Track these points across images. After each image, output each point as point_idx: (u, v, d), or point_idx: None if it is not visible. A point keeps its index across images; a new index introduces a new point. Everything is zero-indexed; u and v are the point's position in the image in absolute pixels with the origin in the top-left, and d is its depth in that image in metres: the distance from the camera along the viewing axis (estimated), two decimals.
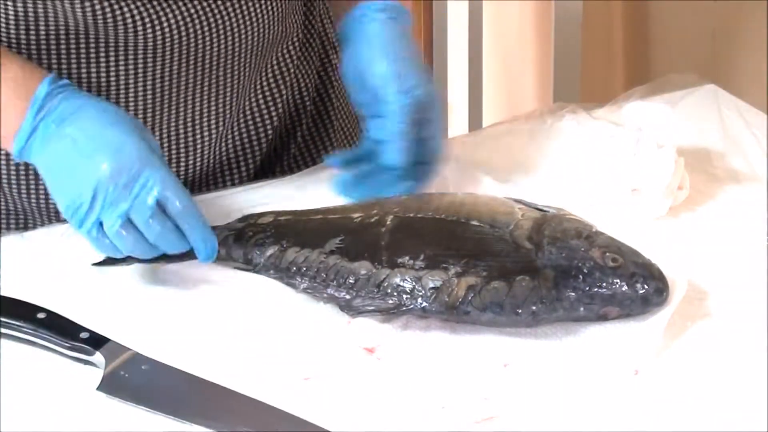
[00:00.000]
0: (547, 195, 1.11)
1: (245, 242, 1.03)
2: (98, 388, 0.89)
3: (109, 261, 1.03)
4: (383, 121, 1.08)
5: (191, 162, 1.19)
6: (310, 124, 1.31)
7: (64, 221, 1.12)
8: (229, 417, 0.86)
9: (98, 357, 0.91)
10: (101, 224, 0.97)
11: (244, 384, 0.88)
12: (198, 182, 1.21)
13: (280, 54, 1.23)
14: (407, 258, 0.96)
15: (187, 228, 0.98)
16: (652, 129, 1.12)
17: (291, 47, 1.24)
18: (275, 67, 1.23)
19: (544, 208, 1.01)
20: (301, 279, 0.99)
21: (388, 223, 1.00)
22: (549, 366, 0.90)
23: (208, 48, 1.11)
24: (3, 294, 0.98)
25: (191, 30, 1.09)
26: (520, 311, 0.92)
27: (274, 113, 1.25)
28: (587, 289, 0.93)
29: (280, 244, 1.01)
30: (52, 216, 1.16)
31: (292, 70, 1.25)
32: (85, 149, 0.96)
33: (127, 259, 1.02)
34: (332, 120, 1.33)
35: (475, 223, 0.98)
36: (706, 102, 1.32)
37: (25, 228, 1.16)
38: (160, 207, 0.97)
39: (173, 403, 0.87)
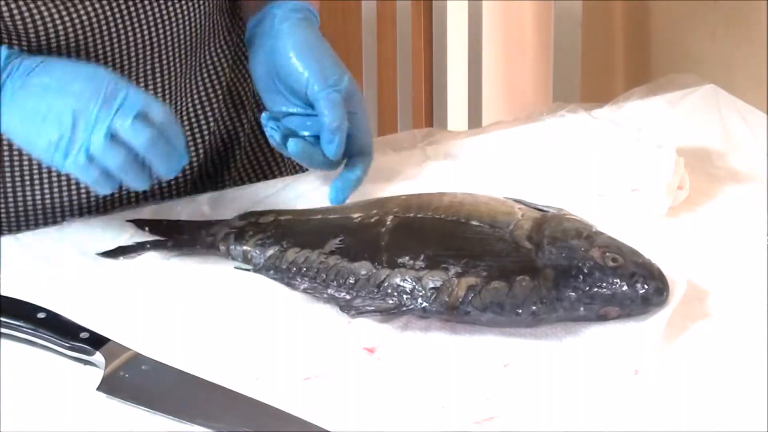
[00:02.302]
0: (547, 195, 1.11)
1: (245, 241, 1.03)
2: (98, 388, 0.89)
3: (116, 251, 1.04)
4: (314, 118, 1.08)
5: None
6: (249, 132, 1.29)
7: (66, 222, 1.13)
8: (229, 417, 0.86)
9: (98, 357, 0.91)
10: (87, 152, 0.96)
11: (244, 384, 0.88)
12: (134, 192, 1.18)
13: (209, 55, 1.21)
14: (407, 258, 0.96)
15: (172, 136, 0.98)
16: (652, 129, 1.12)
17: (220, 48, 1.22)
18: (208, 68, 1.21)
19: (544, 208, 1.01)
20: (301, 279, 0.99)
21: (388, 223, 1.00)
22: (549, 366, 0.90)
23: (128, 44, 1.09)
24: (3, 294, 0.98)
25: (104, 25, 1.07)
26: (520, 311, 0.92)
27: (210, 117, 1.22)
28: (587, 289, 0.93)
29: (281, 245, 1.01)
30: (57, 216, 1.16)
31: (226, 72, 1.23)
32: (56, 87, 0.97)
33: (135, 248, 1.05)
34: None
35: (475, 223, 0.98)
36: (706, 102, 1.32)
37: (27, 228, 1.16)
38: (143, 117, 0.97)
39: (173, 403, 0.87)
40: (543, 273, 0.93)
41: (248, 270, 1.02)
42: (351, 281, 0.96)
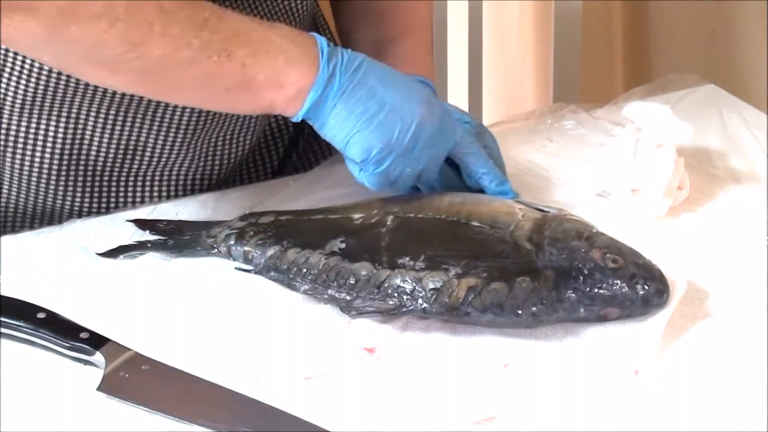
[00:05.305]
0: (548, 195, 1.11)
1: (246, 242, 1.03)
2: (98, 388, 0.89)
3: (116, 251, 1.05)
4: None
5: (224, 166, 1.20)
6: (304, 142, 1.32)
7: (66, 222, 1.13)
8: (229, 417, 0.86)
9: (98, 357, 0.91)
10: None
11: (244, 384, 0.89)
12: (224, 180, 1.22)
13: None
14: (408, 259, 0.96)
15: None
16: (652, 129, 1.12)
17: None
18: None
19: (545, 209, 1.01)
20: (301, 280, 0.99)
21: (389, 223, 1.00)
22: (549, 366, 0.90)
23: None
24: (3, 294, 0.98)
25: None
26: (520, 312, 0.92)
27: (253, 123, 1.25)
28: (587, 290, 0.93)
29: (281, 245, 1.01)
30: (57, 216, 1.16)
31: None
32: (395, 96, 0.98)
33: (135, 247, 1.06)
34: None
35: (475, 223, 0.98)
36: (706, 102, 1.32)
37: (27, 228, 1.16)
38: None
39: (173, 403, 0.87)
40: (543, 274, 0.93)
41: (249, 271, 1.02)
42: (351, 282, 0.96)
